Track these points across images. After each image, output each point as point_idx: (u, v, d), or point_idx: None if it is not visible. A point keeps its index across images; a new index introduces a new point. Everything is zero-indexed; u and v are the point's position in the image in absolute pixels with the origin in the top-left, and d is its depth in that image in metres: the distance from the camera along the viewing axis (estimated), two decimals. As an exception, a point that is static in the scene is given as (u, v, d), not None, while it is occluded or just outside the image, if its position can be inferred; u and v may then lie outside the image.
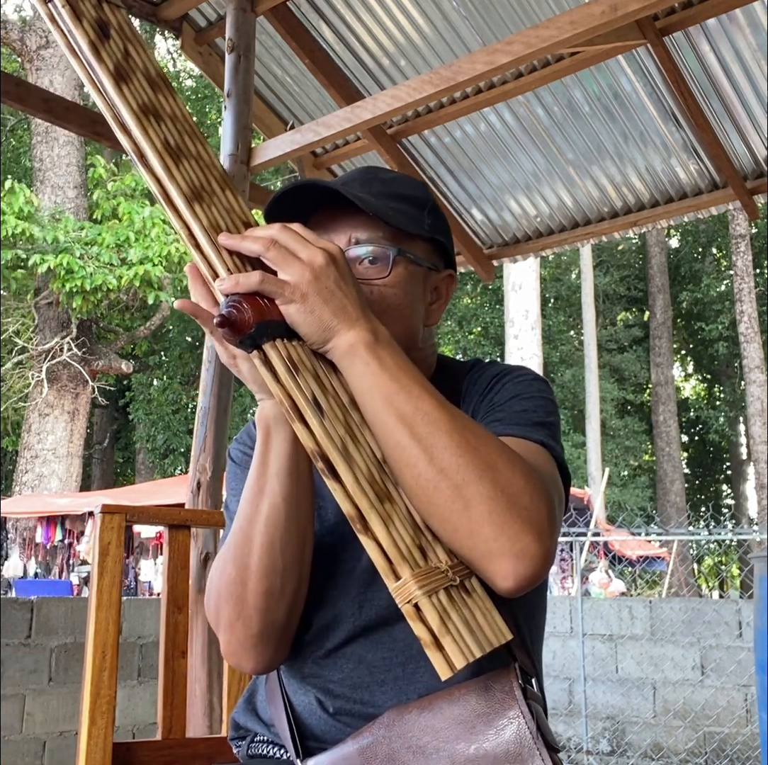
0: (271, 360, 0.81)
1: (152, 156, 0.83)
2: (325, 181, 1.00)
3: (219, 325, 0.79)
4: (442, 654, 0.74)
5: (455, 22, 3.42)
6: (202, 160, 0.88)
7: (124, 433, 21.31)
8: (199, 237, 0.83)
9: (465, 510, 0.79)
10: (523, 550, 0.79)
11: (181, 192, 0.83)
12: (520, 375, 1.05)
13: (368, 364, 0.82)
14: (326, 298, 0.82)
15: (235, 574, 0.92)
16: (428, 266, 1.05)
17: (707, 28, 3.16)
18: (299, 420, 0.80)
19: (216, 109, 19.97)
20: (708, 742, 5.17)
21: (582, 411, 17.75)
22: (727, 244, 19.35)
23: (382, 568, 0.77)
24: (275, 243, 0.82)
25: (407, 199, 1.04)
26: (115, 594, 1.49)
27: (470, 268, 4.34)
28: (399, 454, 0.81)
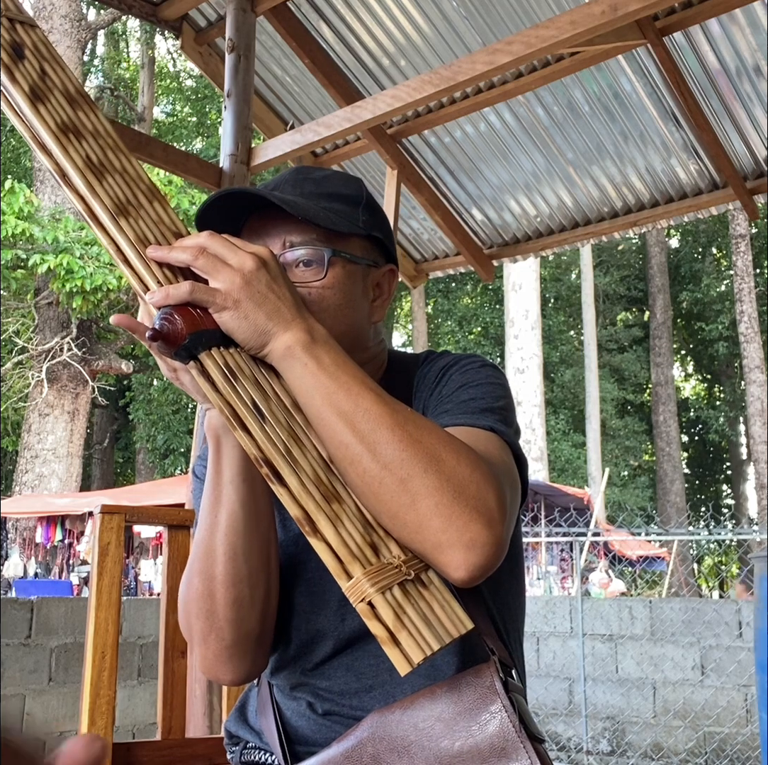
0: (207, 369, 0.80)
1: (74, 174, 0.83)
2: (253, 188, 0.99)
3: (152, 339, 0.79)
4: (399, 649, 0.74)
5: (455, 22, 3.42)
6: (128, 174, 0.87)
7: (124, 433, 21.31)
8: (126, 252, 0.82)
9: (412, 504, 0.78)
10: (472, 539, 0.78)
11: (105, 208, 0.82)
12: (466, 364, 1.04)
13: (306, 364, 0.81)
14: (259, 302, 0.81)
15: (202, 587, 0.92)
16: (367, 263, 1.03)
17: (707, 28, 3.16)
18: (240, 427, 0.79)
19: (216, 109, 19.97)
20: (708, 742, 5.17)
21: (582, 411, 17.76)
22: (727, 244, 19.35)
23: (334, 568, 0.76)
24: (204, 251, 0.81)
25: (340, 197, 1.03)
26: (115, 594, 1.49)
27: (470, 268, 4.34)
28: (343, 453, 0.80)
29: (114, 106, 21.47)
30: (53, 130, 0.83)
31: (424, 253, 4.49)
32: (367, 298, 1.04)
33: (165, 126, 22.19)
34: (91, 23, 14.29)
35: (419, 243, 4.47)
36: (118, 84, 22.15)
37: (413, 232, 4.41)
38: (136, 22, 19.91)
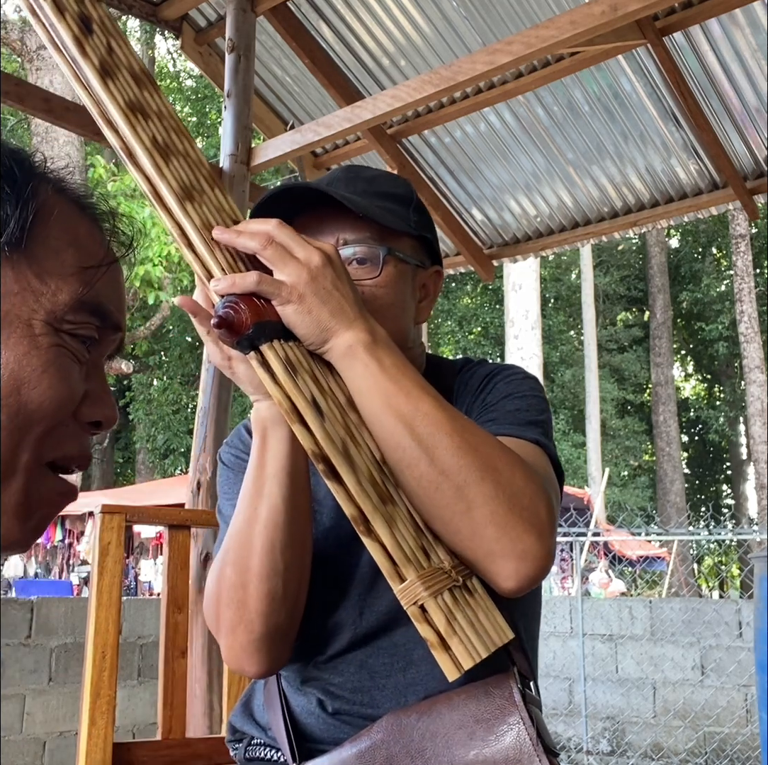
0: (268, 361, 0.80)
1: (142, 154, 0.81)
2: (313, 183, 0.99)
3: (216, 326, 0.78)
4: (449, 655, 0.74)
5: (455, 22, 3.42)
6: (190, 158, 0.86)
7: (124, 433, 21.30)
8: (191, 236, 0.81)
9: (467, 511, 0.79)
10: (525, 550, 0.79)
11: (172, 190, 0.81)
12: (510, 374, 1.05)
13: (367, 365, 0.81)
14: (324, 298, 0.81)
15: (236, 577, 0.91)
16: (416, 264, 1.04)
17: (707, 28, 3.16)
18: (299, 421, 0.78)
19: (216, 109, 19.96)
20: (708, 742, 5.17)
21: (582, 411, 17.75)
22: (727, 244, 19.35)
23: (387, 570, 0.76)
24: (272, 240, 0.81)
25: (392, 197, 1.03)
26: (115, 594, 1.49)
27: (470, 268, 4.34)
28: (400, 456, 0.80)
29: (114, 106, 21.47)
30: (122, 107, 0.82)
31: (424, 253, 4.49)
32: (414, 298, 1.04)
33: (165, 126, 22.17)
34: (91, 23, 14.27)
35: (419, 243, 4.46)
36: (118, 84, 22.12)
37: (413, 232, 4.41)
38: (136, 22, 19.91)
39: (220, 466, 1.12)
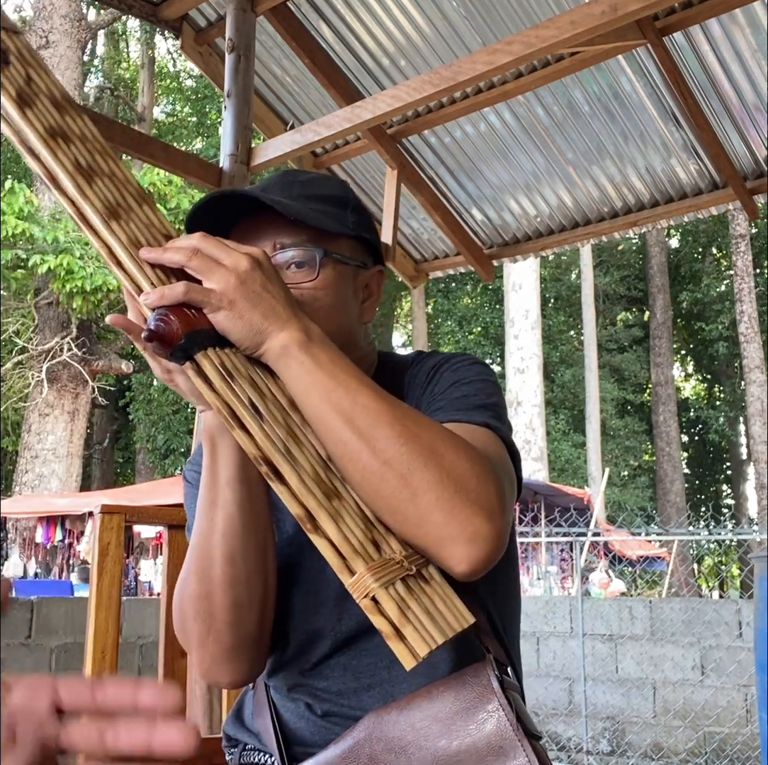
0: (204, 369, 0.80)
1: (64, 177, 0.82)
2: (244, 189, 0.99)
3: (147, 340, 0.78)
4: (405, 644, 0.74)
5: (455, 22, 3.42)
6: (116, 178, 0.87)
7: (124, 433, 21.31)
8: (119, 254, 0.82)
9: (413, 498, 0.78)
10: (474, 532, 0.78)
11: (96, 211, 0.82)
12: (456, 361, 1.05)
13: (303, 363, 0.81)
14: (254, 301, 0.80)
15: (200, 588, 0.91)
16: (356, 264, 1.04)
17: (707, 28, 3.16)
18: (238, 426, 0.79)
19: (216, 109, 19.96)
20: (708, 742, 5.17)
21: (582, 411, 17.75)
22: (727, 244, 19.35)
23: (336, 565, 0.76)
24: (198, 252, 0.81)
25: (329, 199, 1.03)
26: (115, 594, 1.49)
27: (470, 268, 4.34)
28: (342, 450, 0.80)
29: (114, 106, 21.47)
30: (41, 134, 0.83)
31: (424, 253, 4.49)
32: (357, 298, 1.04)
33: (165, 126, 22.20)
34: (91, 23, 14.30)
35: (419, 243, 4.47)
36: (118, 84, 22.16)
37: (413, 232, 4.41)
38: (136, 22, 19.91)
39: (185, 484, 1.12)
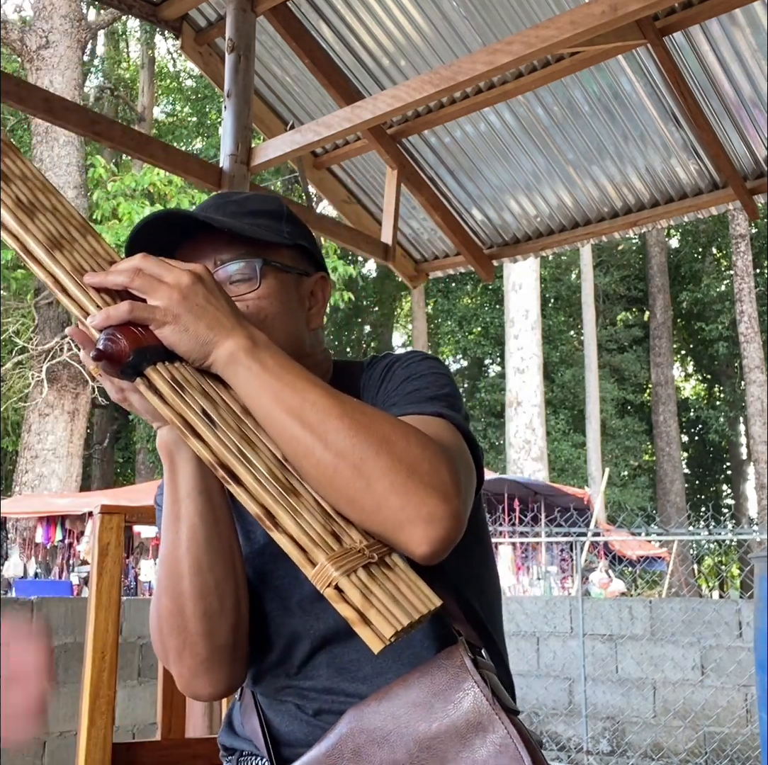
0: (155, 383, 0.82)
1: (5, 214, 0.86)
2: (179, 210, 1.03)
3: (96, 359, 0.81)
4: (371, 628, 0.75)
5: (455, 22, 3.42)
6: (59, 212, 0.90)
7: (124, 433, 21.31)
8: (64, 281, 0.84)
9: (368, 486, 0.80)
10: (430, 513, 0.80)
11: (39, 243, 0.85)
12: (407, 358, 1.07)
13: (250, 368, 0.83)
14: (198, 314, 0.83)
15: (171, 603, 0.93)
16: (298, 272, 1.07)
17: (707, 28, 3.16)
18: (193, 435, 0.81)
19: (216, 109, 19.96)
20: (708, 742, 5.17)
21: (582, 411, 17.75)
22: (727, 244, 19.35)
23: (297, 558, 0.78)
24: (139, 272, 0.84)
25: (262, 213, 1.07)
26: (115, 594, 1.49)
27: (470, 268, 4.34)
28: (295, 447, 0.82)
29: (114, 106, 21.46)
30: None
31: (424, 253, 4.49)
32: (303, 306, 1.07)
33: (165, 126, 22.19)
34: (91, 23, 14.28)
35: (419, 243, 4.47)
36: (118, 84, 22.15)
37: (413, 232, 4.41)
38: (136, 22, 19.91)
39: (157, 510, 1.14)
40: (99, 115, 3.20)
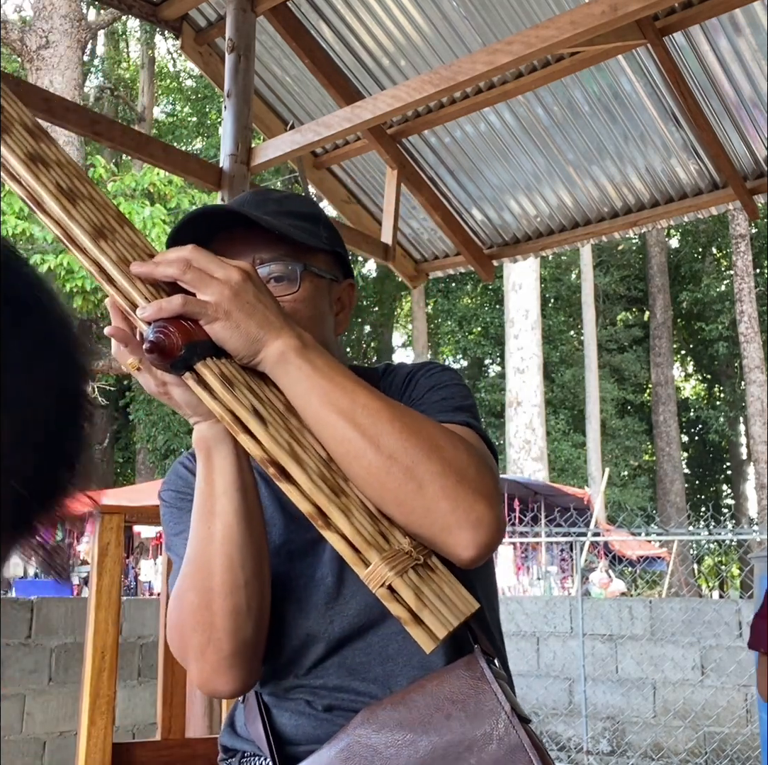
0: (204, 378, 0.82)
1: (48, 200, 0.84)
2: (226, 205, 1.03)
3: (149, 352, 0.80)
4: (423, 628, 0.77)
5: (455, 22, 3.42)
6: (96, 201, 0.89)
7: (124, 433, 21.30)
8: (110, 271, 0.84)
9: (419, 489, 0.82)
10: (479, 518, 0.83)
11: (84, 231, 0.84)
12: (429, 369, 1.10)
13: (300, 367, 0.84)
14: (249, 312, 0.83)
15: (198, 599, 0.93)
16: (331, 278, 1.08)
17: (707, 28, 3.16)
18: (243, 431, 0.81)
19: (216, 109, 19.96)
20: (708, 742, 5.17)
21: (582, 411, 17.75)
22: (727, 244, 19.35)
23: (350, 558, 0.79)
24: (190, 265, 0.83)
25: (302, 215, 1.07)
26: (115, 594, 1.49)
27: (470, 268, 4.34)
28: (346, 448, 0.83)
29: (114, 106, 21.46)
30: (23, 158, 0.84)
31: (424, 253, 4.49)
32: (332, 311, 1.09)
33: (165, 126, 22.18)
34: (91, 23, 14.28)
35: (419, 243, 4.47)
36: (118, 84, 22.16)
37: (413, 232, 4.41)
38: (136, 22, 19.91)
39: (162, 505, 1.14)
40: (99, 115, 3.20)
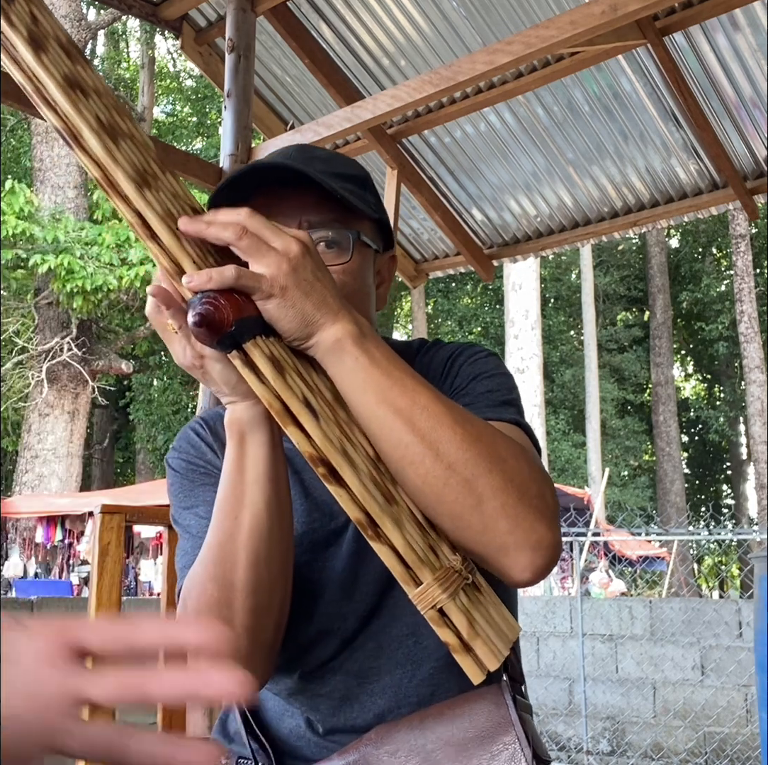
0: (253, 359, 0.73)
1: (90, 136, 0.70)
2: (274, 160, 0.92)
3: (197, 325, 0.71)
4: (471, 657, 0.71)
5: (455, 22, 3.42)
6: (136, 140, 0.76)
7: (124, 433, 21.30)
8: (156, 227, 0.72)
9: (477, 505, 0.75)
10: (539, 540, 0.76)
11: (128, 176, 0.71)
12: (473, 354, 1.01)
13: (357, 358, 0.76)
14: (306, 290, 0.74)
15: (219, 594, 0.84)
16: (375, 248, 0.99)
17: (707, 28, 3.16)
18: (293, 424, 0.72)
19: (216, 109, 19.97)
20: (708, 742, 5.17)
21: (582, 411, 17.75)
22: (727, 244, 19.35)
23: (401, 574, 0.72)
24: (246, 230, 0.73)
25: (351, 178, 0.97)
26: (115, 594, 1.49)
27: (470, 268, 4.34)
28: (402, 453, 0.75)
29: (114, 106, 21.43)
30: (60, 83, 0.70)
31: (424, 253, 4.49)
32: (374, 284, 1.00)
33: (165, 126, 22.20)
34: (91, 23, 14.29)
35: (419, 243, 4.47)
36: (118, 84, 22.14)
37: (413, 232, 4.41)
38: (136, 22, 19.90)
39: (169, 472, 1.06)
40: (99, 115, 3.20)
